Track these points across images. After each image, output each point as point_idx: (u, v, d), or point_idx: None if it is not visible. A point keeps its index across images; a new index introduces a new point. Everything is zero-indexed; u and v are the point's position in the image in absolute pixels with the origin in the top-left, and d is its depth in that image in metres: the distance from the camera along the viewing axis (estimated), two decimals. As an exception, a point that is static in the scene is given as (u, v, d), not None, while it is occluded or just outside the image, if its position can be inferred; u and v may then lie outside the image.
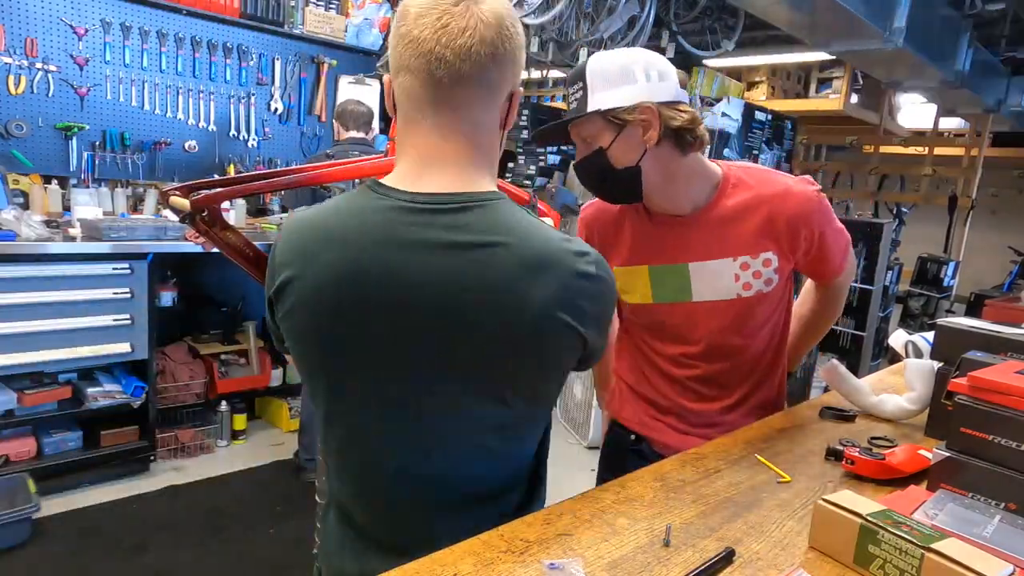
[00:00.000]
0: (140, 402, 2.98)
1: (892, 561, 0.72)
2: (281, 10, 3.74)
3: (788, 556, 0.80)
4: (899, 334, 1.50)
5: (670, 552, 0.79)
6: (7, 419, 2.70)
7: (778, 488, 0.98)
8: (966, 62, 4.10)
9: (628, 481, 0.97)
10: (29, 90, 3.13)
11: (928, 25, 3.57)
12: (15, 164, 3.10)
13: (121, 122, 3.40)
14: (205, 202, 1.21)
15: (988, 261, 6.53)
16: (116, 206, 3.32)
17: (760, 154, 4.25)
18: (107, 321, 2.80)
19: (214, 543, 2.58)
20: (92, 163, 3.32)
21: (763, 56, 5.12)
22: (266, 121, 3.90)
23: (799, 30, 3.41)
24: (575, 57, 4.03)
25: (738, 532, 0.85)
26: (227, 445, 3.44)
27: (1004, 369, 0.96)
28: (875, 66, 3.92)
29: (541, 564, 0.73)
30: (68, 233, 2.81)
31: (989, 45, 4.56)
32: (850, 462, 1.02)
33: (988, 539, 0.79)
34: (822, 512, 0.80)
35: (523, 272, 0.75)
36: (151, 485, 2.98)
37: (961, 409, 0.93)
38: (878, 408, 1.32)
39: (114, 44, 3.32)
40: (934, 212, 6.25)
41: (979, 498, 0.90)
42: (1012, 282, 5.86)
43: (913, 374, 1.28)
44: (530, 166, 4.63)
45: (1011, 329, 1.21)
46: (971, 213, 5.85)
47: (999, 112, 5.22)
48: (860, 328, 4.65)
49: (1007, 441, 0.88)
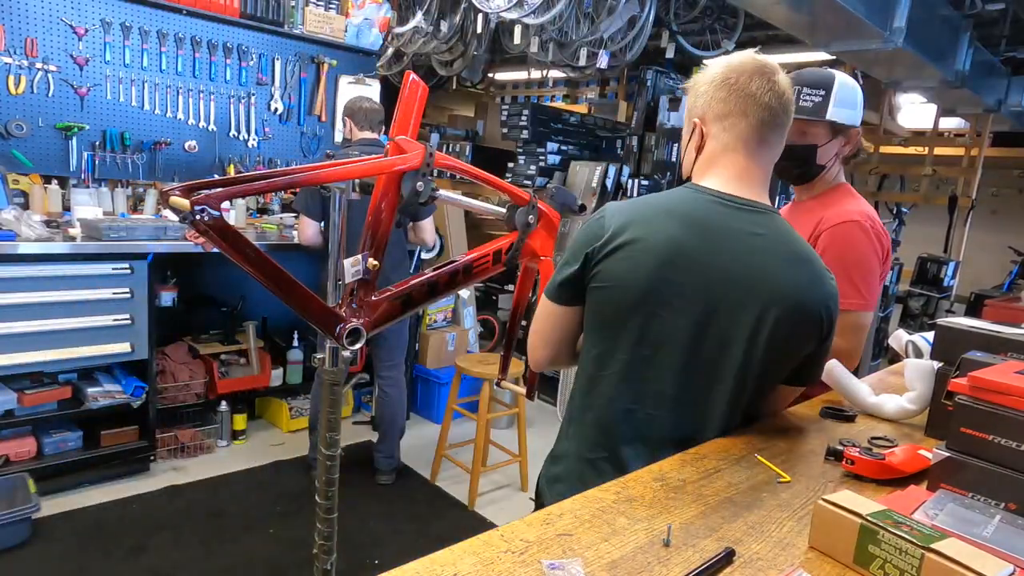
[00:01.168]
0: (140, 402, 2.98)
1: (892, 561, 0.72)
2: (281, 10, 3.74)
3: (788, 556, 0.80)
4: (899, 334, 1.50)
5: (670, 552, 0.79)
6: (7, 419, 2.70)
7: (778, 488, 0.98)
8: (966, 62, 4.09)
9: (628, 481, 0.97)
10: (29, 90, 3.13)
11: (928, 25, 3.57)
12: (15, 164, 3.10)
13: (121, 122, 3.40)
14: (205, 202, 1.21)
15: (988, 261, 6.53)
16: (116, 206, 3.32)
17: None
18: (107, 321, 2.79)
19: (214, 543, 2.58)
20: (92, 163, 3.32)
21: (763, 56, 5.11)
22: (266, 121, 3.90)
23: (799, 30, 3.41)
24: (575, 57, 4.03)
25: (738, 532, 0.85)
26: (227, 445, 3.44)
27: (1004, 369, 0.96)
28: (875, 66, 3.91)
29: (541, 564, 0.73)
30: (68, 233, 2.81)
31: (989, 45, 4.56)
32: (850, 462, 1.02)
33: (988, 539, 0.79)
34: (822, 512, 0.80)
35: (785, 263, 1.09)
36: (151, 485, 2.98)
37: (961, 409, 0.93)
38: (878, 408, 1.32)
39: (114, 44, 3.32)
40: (934, 212, 6.24)
41: (979, 498, 0.90)
42: (1012, 282, 5.85)
43: (913, 374, 1.28)
44: (530, 166, 4.64)
45: (1011, 329, 1.21)
46: (971, 213, 5.85)
47: (999, 112, 5.22)
48: (860, 328, 4.64)
49: (1007, 441, 0.88)
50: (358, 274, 1.36)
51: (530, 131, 4.58)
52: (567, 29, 3.86)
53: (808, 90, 1.49)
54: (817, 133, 1.52)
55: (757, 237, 1.07)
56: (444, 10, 4.14)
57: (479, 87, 7.30)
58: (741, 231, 1.07)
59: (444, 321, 4.17)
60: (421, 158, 1.36)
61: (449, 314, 4.20)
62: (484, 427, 3.07)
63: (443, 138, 6.18)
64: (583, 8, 3.78)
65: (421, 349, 4.01)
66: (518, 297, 1.79)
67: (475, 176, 1.55)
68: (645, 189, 4.12)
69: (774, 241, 1.09)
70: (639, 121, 4.37)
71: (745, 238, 1.07)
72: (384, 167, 1.35)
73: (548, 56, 4.06)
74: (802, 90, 1.49)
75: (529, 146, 4.64)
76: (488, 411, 3.09)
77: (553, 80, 6.81)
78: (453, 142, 6.09)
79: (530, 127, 4.57)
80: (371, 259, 1.37)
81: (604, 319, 1.13)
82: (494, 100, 7.08)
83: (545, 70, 6.09)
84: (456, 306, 4.21)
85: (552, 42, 3.95)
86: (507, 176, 4.67)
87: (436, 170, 1.41)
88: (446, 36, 4.22)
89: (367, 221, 1.42)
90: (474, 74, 5.70)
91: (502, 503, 3.14)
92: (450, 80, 6.13)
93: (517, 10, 3.32)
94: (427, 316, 4.04)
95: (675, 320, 1.08)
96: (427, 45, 4.24)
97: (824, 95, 1.48)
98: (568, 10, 3.57)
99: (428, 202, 1.42)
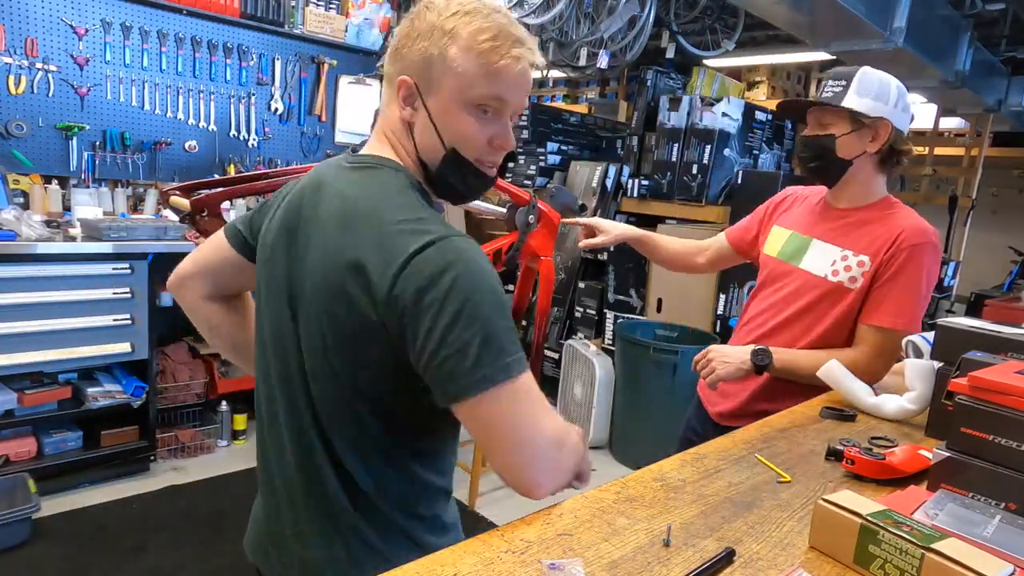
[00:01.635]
0: (140, 402, 2.98)
1: (892, 561, 0.72)
2: (281, 10, 3.73)
3: (788, 556, 0.80)
4: (899, 334, 1.50)
5: (670, 552, 0.79)
6: (7, 419, 2.70)
7: (778, 488, 0.98)
8: (966, 62, 4.09)
9: (628, 481, 0.97)
10: (29, 90, 3.12)
11: (928, 25, 3.56)
12: (15, 164, 3.10)
13: (121, 122, 3.40)
14: (205, 202, 1.22)
15: (988, 261, 6.53)
16: (116, 206, 3.32)
17: (760, 154, 4.25)
18: (107, 321, 2.79)
19: (214, 543, 2.58)
20: (92, 163, 3.32)
21: (763, 56, 5.12)
22: (266, 121, 3.90)
23: (799, 30, 3.40)
24: (575, 57, 4.03)
25: (738, 532, 0.85)
26: (227, 445, 3.44)
27: (1004, 369, 0.96)
28: (875, 66, 3.90)
29: (541, 564, 0.73)
30: (68, 233, 2.81)
31: (989, 45, 4.56)
32: (850, 462, 1.02)
33: (988, 539, 0.79)
34: (822, 512, 0.80)
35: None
36: (151, 485, 2.98)
37: (961, 409, 0.93)
38: (878, 408, 1.32)
39: (114, 44, 3.32)
40: (934, 212, 6.22)
41: (979, 498, 0.90)
42: (1012, 282, 5.85)
43: (913, 374, 1.28)
44: (530, 166, 4.63)
45: (1011, 329, 1.21)
46: (971, 213, 5.84)
47: (999, 112, 5.22)
48: (860, 328, 4.65)
49: (1007, 441, 0.88)
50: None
51: (530, 131, 4.58)
52: (567, 29, 3.86)
53: (832, 82, 1.46)
54: (836, 123, 1.45)
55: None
56: (444, 10, 4.14)
57: (479, 87, 7.30)
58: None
59: (444, 321, 4.16)
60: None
61: (449, 314, 4.20)
62: (484, 427, 3.07)
63: (443, 138, 6.15)
64: (583, 8, 3.78)
65: (421, 349, 4.01)
66: (518, 297, 1.79)
67: (475, 176, 1.55)
68: (645, 189, 4.12)
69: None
70: (639, 121, 4.37)
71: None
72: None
73: (548, 56, 4.05)
74: (827, 82, 1.46)
75: (529, 146, 4.64)
76: (488, 411, 3.08)
77: (553, 80, 6.81)
78: (453, 142, 6.07)
79: (530, 127, 4.57)
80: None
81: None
82: (494, 100, 7.08)
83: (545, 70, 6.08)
84: (456, 306, 4.20)
85: (552, 42, 3.95)
86: (507, 176, 4.67)
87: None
88: (446, 36, 4.22)
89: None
90: (474, 74, 5.70)
91: (502, 503, 3.14)
92: (450, 80, 6.12)
93: (517, 10, 3.32)
94: (427, 316, 4.03)
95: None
96: (427, 45, 4.24)
97: (845, 84, 1.43)
98: (568, 10, 3.57)
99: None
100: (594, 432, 3.79)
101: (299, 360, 0.91)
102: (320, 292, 0.86)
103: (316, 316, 0.87)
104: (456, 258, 0.79)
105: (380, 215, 0.84)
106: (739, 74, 5.51)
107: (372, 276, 0.80)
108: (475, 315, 0.78)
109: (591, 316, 4.31)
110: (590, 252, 4.39)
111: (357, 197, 0.88)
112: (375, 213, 0.85)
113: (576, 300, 4.42)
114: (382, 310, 0.80)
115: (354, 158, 0.94)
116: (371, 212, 0.85)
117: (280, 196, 1.02)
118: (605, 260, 4.28)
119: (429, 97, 0.88)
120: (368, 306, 0.81)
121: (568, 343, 4.05)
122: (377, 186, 0.89)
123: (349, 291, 0.83)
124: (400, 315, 0.79)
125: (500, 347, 0.79)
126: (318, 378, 0.89)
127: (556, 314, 4.53)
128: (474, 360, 0.77)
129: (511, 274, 1.70)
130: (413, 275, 0.78)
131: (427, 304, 0.77)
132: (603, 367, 3.79)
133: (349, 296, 0.83)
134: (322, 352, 0.88)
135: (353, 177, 0.91)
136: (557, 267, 4.26)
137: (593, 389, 3.79)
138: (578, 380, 3.93)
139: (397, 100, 0.90)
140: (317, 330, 0.88)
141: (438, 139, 0.90)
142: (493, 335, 0.78)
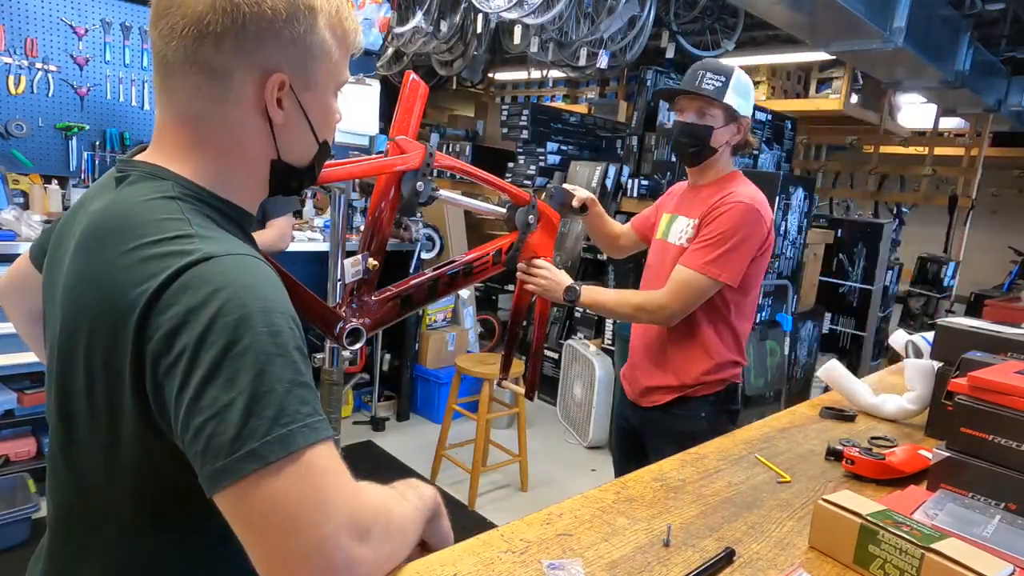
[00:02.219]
0: (140, 402, 2.98)
1: (892, 561, 0.72)
2: (281, 10, 3.73)
3: (788, 556, 0.80)
4: (899, 334, 1.50)
5: (670, 552, 0.79)
6: (7, 419, 2.70)
7: (778, 488, 0.98)
8: (966, 62, 4.09)
9: (628, 481, 0.97)
10: (29, 90, 3.13)
11: (928, 25, 3.57)
12: (15, 164, 3.10)
13: (121, 122, 3.40)
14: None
15: (988, 261, 6.54)
16: (116, 206, 3.32)
17: (760, 154, 4.25)
18: (107, 321, 2.79)
19: (214, 543, 2.58)
20: (92, 163, 3.32)
21: (763, 56, 5.12)
22: (266, 121, 3.90)
23: (799, 30, 3.40)
24: (575, 57, 4.03)
25: (738, 532, 0.85)
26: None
27: (1004, 369, 0.96)
28: (875, 66, 3.91)
29: (541, 564, 0.73)
30: (68, 233, 2.81)
31: (989, 45, 4.56)
32: (850, 462, 1.02)
33: (988, 539, 0.79)
34: (822, 512, 0.80)
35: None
36: (151, 485, 2.97)
37: (961, 409, 0.93)
38: (878, 408, 1.32)
39: (114, 44, 3.32)
40: (934, 212, 6.25)
41: (979, 498, 0.90)
42: (1012, 282, 5.86)
43: (913, 374, 1.28)
44: (530, 166, 4.63)
45: (1011, 329, 1.21)
46: (971, 213, 5.85)
47: (999, 112, 5.22)
48: (860, 328, 4.66)
49: (1007, 441, 0.88)
50: (358, 274, 1.36)
51: (530, 131, 4.58)
52: (567, 29, 3.86)
53: (711, 74, 1.61)
54: (715, 115, 1.64)
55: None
56: (444, 10, 4.14)
57: (479, 87, 7.29)
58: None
59: (444, 321, 4.17)
60: (421, 158, 1.36)
61: (449, 314, 4.20)
62: (484, 427, 3.07)
63: (443, 138, 6.17)
64: (583, 8, 3.77)
65: (421, 349, 4.01)
66: (518, 297, 1.79)
67: (475, 176, 1.55)
68: (645, 189, 4.12)
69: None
70: (639, 121, 4.37)
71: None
72: (384, 167, 1.35)
73: (548, 56, 4.05)
74: (706, 74, 1.62)
75: (529, 146, 4.64)
76: (488, 411, 3.09)
77: (553, 80, 6.80)
78: (453, 142, 6.08)
79: (530, 127, 4.57)
80: (371, 259, 1.37)
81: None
82: (494, 100, 7.08)
83: (545, 70, 6.08)
84: (456, 306, 4.21)
85: (552, 42, 3.95)
86: (507, 176, 4.67)
87: (436, 170, 1.41)
88: (446, 36, 4.22)
89: (367, 221, 1.42)
90: (474, 74, 5.70)
91: (502, 503, 3.14)
92: (450, 80, 6.13)
93: (517, 10, 3.32)
94: (427, 316, 4.04)
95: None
96: (427, 45, 4.23)
97: (725, 80, 1.61)
98: (568, 10, 3.57)
99: (429, 202, 1.42)
100: (594, 432, 3.79)
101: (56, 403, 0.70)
102: (66, 337, 0.66)
103: (64, 362, 0.67)
104: (223, 284, 0.58)
105: (129, 234, 0.63)
106: (739, 74, 5.49)
107: (117, 316, 0.60)
108: (241, 365, 0.55)
109: (591, 316, 4.31)
110: (590, 252, 4.39)
111: (106, 214, 0.66)
112: (123, 232, 0.63)
113: (576, 300, 4.41)
114: (130, 362, 0.59)
115: (122, 167, 0.72)
116: (119, 232, 0.63)
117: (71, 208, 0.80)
118: (605, 260, 4.29)
119: (304, 93, 0.72)
120: (116, 357, 0.61)
121: (568, 343, 4.06)
122: (139, 202, 0.65)
123: (93, 339, 0.62)
124: (152, 369, 0.58)
125: (279, 409, 0.56)
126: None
127: (556, 314, 4.54)
128: (236, 429, 0.54)
129: (511, 274, 1.70)
130: (164, 311, 0.58)
131: (178, 352, 0.56)
132: (603, 367, 3.79)
133: (89, 345, 0.62)
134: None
135: (112, 193, 0.69)
136: (557, 267, 4.26)
137: (593, 389, 3.79)
138: (578, 380, 3.94)
139: (249, 101, 0.68)
140: (69, 381, 0.67)
141: (313, 137, 0.75)
142: (265, 392, 0.55)
